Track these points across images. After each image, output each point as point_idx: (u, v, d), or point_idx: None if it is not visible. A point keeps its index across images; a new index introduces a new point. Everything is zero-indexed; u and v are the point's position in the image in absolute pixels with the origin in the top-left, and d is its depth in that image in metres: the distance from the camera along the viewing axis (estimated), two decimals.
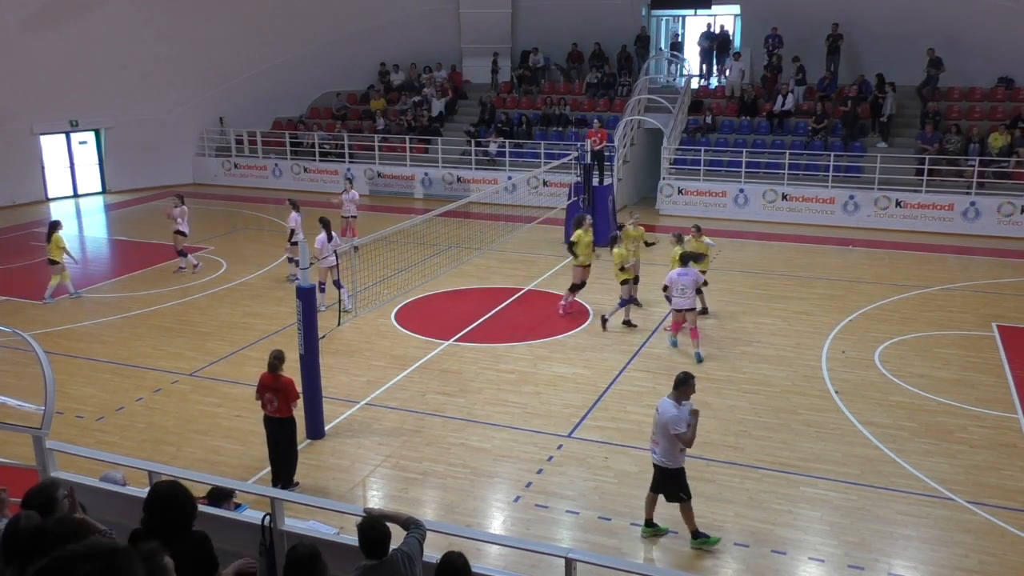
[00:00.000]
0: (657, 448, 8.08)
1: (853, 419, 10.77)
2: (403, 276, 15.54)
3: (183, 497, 4.70)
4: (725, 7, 27.54)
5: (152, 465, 6.29)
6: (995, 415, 10.90)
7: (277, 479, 9.18)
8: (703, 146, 23.62)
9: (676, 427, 7.86)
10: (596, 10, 27.66)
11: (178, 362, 12.90)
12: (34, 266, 18.99)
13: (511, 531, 8.49)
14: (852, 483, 9.24)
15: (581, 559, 5.10)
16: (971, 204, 20.84)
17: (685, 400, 8.01)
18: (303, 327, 10.06)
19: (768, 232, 21.14)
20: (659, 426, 7.99)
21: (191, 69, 27.63)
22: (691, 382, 8.08)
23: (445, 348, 13.35)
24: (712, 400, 11.36)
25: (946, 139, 21.90)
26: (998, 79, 23.79)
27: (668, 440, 7.96)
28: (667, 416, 7.91)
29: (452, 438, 10.37)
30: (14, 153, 25.31)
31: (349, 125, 28.52)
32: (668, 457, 8.03)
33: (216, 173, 28.71)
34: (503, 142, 25.45)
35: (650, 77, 26.80)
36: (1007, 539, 8.24)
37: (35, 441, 6.47)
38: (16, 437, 8.40)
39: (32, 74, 24.55)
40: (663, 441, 8.00)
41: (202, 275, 17.31)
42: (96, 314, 15.34)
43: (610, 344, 13.46)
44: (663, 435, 7.97)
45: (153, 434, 10.65)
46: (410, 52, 29.71)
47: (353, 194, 19.12)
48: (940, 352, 12.98)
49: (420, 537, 5.10)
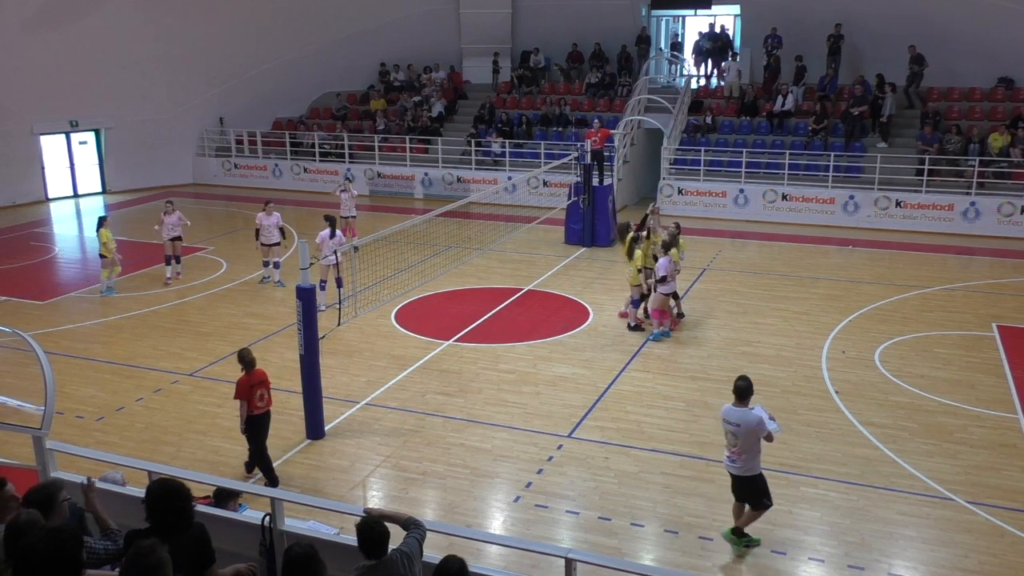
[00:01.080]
0: (739, 459, 7.84)
1: (853, 419, 10.77)
2: (403, 276, 15.55)
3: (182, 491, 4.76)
4: (725, 7, 27.54)
5: (152, 465, 6.29)
6: (995, 415, 10.89)
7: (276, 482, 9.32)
8: (703, 146, 23.62)
9: (766, 428, 7.76)
10: (596, 10, 27.67)
11: (178, 362, 12.90)
12: (34, 266, 19.01)
13: (511, 531, 8.49)
14: (852, 483, 9.24)
15: (581, 559, 5.10)
16: (971, 204, 20.84)
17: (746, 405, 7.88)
18: (303, 327, 10.07)
19: (768, 232, 21.14)
20: (744, 436, 7.74)
21: (191, 69, 27.64)
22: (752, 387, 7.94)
23: (445, 348, 13.35)
24: (712, 400, 11.36)
25: (946, 139, 21.90)
26: (998, 79, 23.80)
27: (753, 448, 7.81)
28: (754, 422, 7.72)
29: (452, 438, 10.37)
30: (14, 153, 25.32)
31: (349, 125, 28.53)
32: (752, 464, 7.86)
33: (216, 173, 28.71)
34: (503, 142, 25.46)
35: (650, 77, 26.81)
36: (1007, 539, 8.24)
37: (35, 441, 6.47)
38: (16, 437, 8.40)
39: (32, 74, 24.57)
40: (748, 450, 7.80)
41: (202, 275, 17.30)
42: (96, 314, 15.34)
43: (610, 344, 13.46)
44: (749, 444, 7.77)
45: (153, 434, 10.65)
46: (410, 52, 29.72)
47: (349, 194, 19.11)
48: (940, 352, 12.98)
49: (420, 537, 5.10)
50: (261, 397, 9.19)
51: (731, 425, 7.83)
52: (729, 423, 7.85)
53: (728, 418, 7.88)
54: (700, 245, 20.05)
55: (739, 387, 7.89)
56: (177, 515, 4.67)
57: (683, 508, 8.80)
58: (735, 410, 7.87)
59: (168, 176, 28.17)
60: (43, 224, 23.49)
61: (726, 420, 7.89)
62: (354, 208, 19.25)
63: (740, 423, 7.78)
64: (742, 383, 7.89)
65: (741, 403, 7.86)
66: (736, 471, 7.96)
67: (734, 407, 7.89)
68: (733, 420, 7.83)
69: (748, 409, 7.83)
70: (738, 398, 7.88)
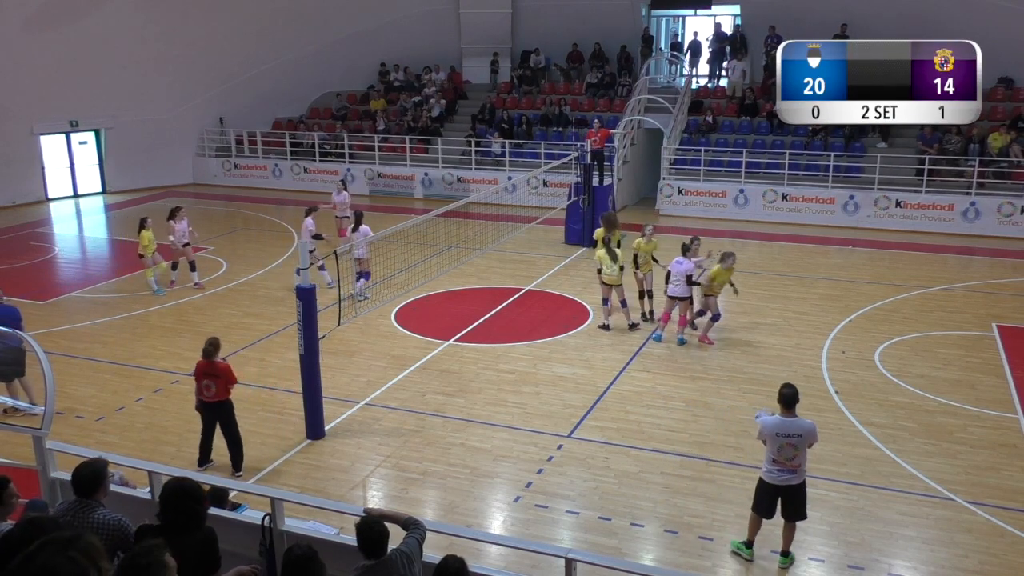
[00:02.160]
0: (798, 469, 7.55)
1: (853, 419, 10.76)
2: (403, 276, 15.54)
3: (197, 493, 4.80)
4: (725, 7, 27.54)
5: (152, 465, 6.30)
6: (995, 415, 10.89)
7: (203, 463, 9.63)
8: (703, 146, 23.62)
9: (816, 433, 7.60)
10: (596, 10, 27.66)
11: (178, 362, 12.89)
12: (34, 266, 19.01)
13: (511, 531, 8.49)
14: (852, 483, 9.24)
15: (581, 559, 5.11)
16: (971, 204, 20.84)
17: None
18: (303, 327, 10.07)
19: (768, 232, 21.14)
20: (803, 446, 7.49)
21: (191, 69, 27.63)
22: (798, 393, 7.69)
23: (445, 348, 13.35)
24: (712, 400, 11.37)
25: (946, 139, 21.90)
26: (998, 79, 23.80)
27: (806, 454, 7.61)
28: (813, 429, 7.52)
29: (452, 438, 10.37)
30: (14, 153, 25.30)
31: (349, 125, 28.53)
32: (804, 469, 7.63)
33: (216, 173, 28.71)
34: (503, 142, 25.46)
35: (650, 77, 26.81)
36: (1007, 539, 8.24)
37: (35, 441, 6.48)
38: (16, 437, 8.41)
39: (32, 74, 24.55)
40: (805, 458, 7.59)
41: (202, 275, 17.29)
42: (96, 314, 15.33)
43: (610, 344, 13.46)
44: (805, 451, 7.54)
45: (153, 434, 10.65)
46: (410, 52, 29.71)
47: (345, 195, 18.80)
48: (940, 352, 12.98)
49: (420, 537, 5.10)
50: (207, 387, 9.40)
51: (792, 438, 7.46)
52: (789, 436, 7.46)
53: (786, 431, 7.46)
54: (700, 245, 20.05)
55: (788, 395, 7.55)
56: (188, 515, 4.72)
57: (683, 508, 8.79)
58: (791, 421, 7.52)
59: (168, 176, 28.17)
60: (43, 224, 23.48)
61: (782, 434, 7.45)
62: (348, 210, 18.71)
63: (802, 433, 7.47)
64: (788, 390, 7.57)
65: (790, 412, 7.54)
66: (796, 481, 7.59)
67: (786, 418, 7.53)
68: (793, 431, 7.46)
69: (798, 417, 7.56)
70: (787, 407, 7.54)
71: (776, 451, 7.54)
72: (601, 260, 13.80)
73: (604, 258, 13.74)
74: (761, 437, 7.66)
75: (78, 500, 5.03)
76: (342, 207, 18.75)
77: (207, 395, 9.44)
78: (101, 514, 4.95)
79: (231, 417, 9.59)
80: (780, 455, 7.53)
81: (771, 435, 7.53)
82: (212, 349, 9.43)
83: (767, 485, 7.68)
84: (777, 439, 7.51)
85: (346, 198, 18.94)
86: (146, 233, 16.06)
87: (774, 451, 7.55)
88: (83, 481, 5.03)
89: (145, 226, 16.16)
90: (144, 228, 16.14)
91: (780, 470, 7.58)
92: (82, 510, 4.96)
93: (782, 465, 7.55)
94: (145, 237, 16.03)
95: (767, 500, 7.74)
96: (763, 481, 7.72)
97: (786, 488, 7.62)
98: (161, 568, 3.54)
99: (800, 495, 7.67)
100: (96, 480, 5.07)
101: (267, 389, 11.87)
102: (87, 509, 4.96)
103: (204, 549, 4.72)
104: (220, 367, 9.42)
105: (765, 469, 7.67)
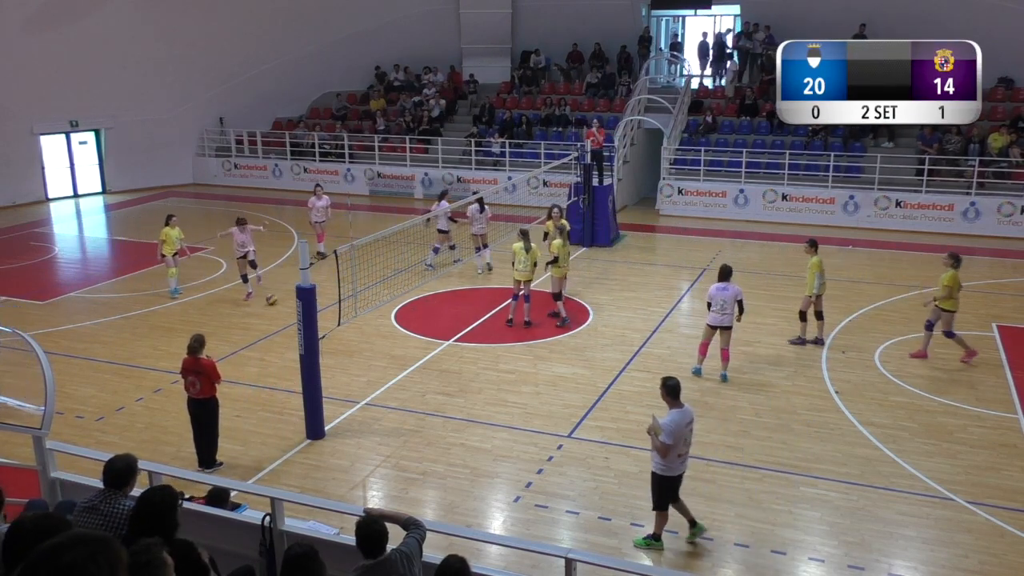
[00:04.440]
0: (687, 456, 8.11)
1: (853, 419, 10.76)
2: (403, 276, 15.54)
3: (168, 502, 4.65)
4: (725, 7, 27.53)
5: (152, 465, 6.29)
6: (995, 415, 10.89)
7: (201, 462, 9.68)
8: (703, 146, 23.62)
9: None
10: (596, 10, 27.66)
11: (178, 362, 12.70)
12: (34, 266, 19.00)
13: (511, 531, 8.49)
14: (852, 483, 9.24)
15: (581, 559, 5.11)
16: (971, 204, 20.85)
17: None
18: (303, 327, 10.07)
19: (768, 232, 21.13)
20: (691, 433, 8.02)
21: (191, 69, 27.63)
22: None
23: (445, 348, 13.35)
24: (712, 400, 11.37)
25: (946, 139, 21.90)
26: (998, 79, 23.80)
27: None
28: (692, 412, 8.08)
29: (452, 438, 10.37)
30: (14, 153, 25.31)
31: (349, 125, 28.53)
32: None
33: (216, 173, 28.71)
34: (503, 142, 25.46)
35: (650, 77, 26.81)
36: (1007, 539, 8.24)
37: (35, 441, 6.47)
38: (16, 437, 8.41)
39: (32, 74, 24.55)
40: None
41: (202, 275, 17.30)
42: (96, 314, 15.33)
43: (610, 344, 13.46)
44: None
45: (153, 434, 10.65)
46: (410, 52, 29.70)
47: (325, 200, 18.43)
48: (940, 352, 12.97)
49: (420, 537, 5.10)
50: (192, 384, 9.54)
51: (691, 424, 7.94)
52: (689, 423, 7.90)
53: (686, 419, 7.86)
54: (700, 245, 20.08)
55: (674, 386, 7.89)
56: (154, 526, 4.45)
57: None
58: (685, 410, 7.90)
59: (168, 176, 28.17)
60: (43, 224, 23.48)
61: (684, 424, 7.82)
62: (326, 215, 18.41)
63: (693, 417, 7.99)
64: (673, 381, 7.93)
65: (679, 402, 7.92)
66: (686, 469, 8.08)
67: (681, 408, 7.89)
68: (690, 419, 7.92)
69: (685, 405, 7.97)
70: (676, 397, 7.90)
71: (682, 443, 7.87)
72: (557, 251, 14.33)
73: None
74: (669, 439, 7.77)
75: (107, 490, 5.12)
76: (320, 212, 18.33)
77: (192, 392, 9.58)
78: (125, 506, 5.02)
79: (214, 416, 9.72)
80: (685, 445, 7.92)
81: (678, 430, 7.79)
82: (197, 345, 9.59)
83: (674, 479, 7.99)
84: (683, 431, 7.84)
85: (327, 202, 18.46)
86: (165, 230, 15.84)
87: (680, 444, 7.83)
88: (116, 473, 5.14)
89: (169, 223, 15.96)
90: (168, 225, 15.93)
91: (683, 460, 7.97)
92: (108, 499, 5.07)
93: (685, 455, 7.95)
94: (163, 233, 15.83)
95: (674, 492, 8.08)
96: (667, 477, 7.94)
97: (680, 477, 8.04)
98: (160, 566, 3.53)
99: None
100: (129, 473, 5.17)
101: (267, 389, 11.87)
102: (114, 500, 5.07)
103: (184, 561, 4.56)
104: (204, 364, 9.54)
105: (665, 465, 7.86)
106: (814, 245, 13.35)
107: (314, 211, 18.40)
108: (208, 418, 9.68)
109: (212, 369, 9.57)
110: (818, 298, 13.20)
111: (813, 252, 13.23)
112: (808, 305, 13.26)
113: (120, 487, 5.12)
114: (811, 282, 13.11)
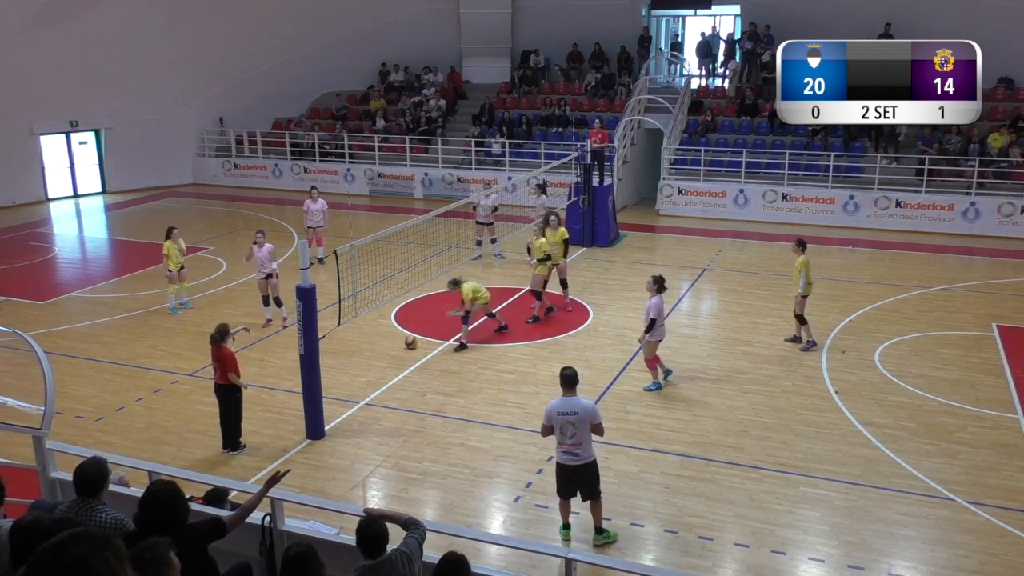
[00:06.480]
0: (580, 449, 7.91)
1: (853, 419, 10.76)
2: (403, 276, 15.53)
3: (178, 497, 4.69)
4: (725, 7, 27.53)
5: (152, 465, 6.30)
6: (995, 415, 10.89)
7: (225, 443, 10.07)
8: (703, 146, 23.62)
9: (599, 415, 8.01)
10: (596, 10, 27.67)
11: (178, 362, 12.90)
12: (34, 266, 19.01)
13: (511, 531, 8.49)
14: (852, 483, 9.23)
15: (581, 559, 5.11)
16: (971, 204, 20.85)
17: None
18: (303, 327, 10.07)
19: (768, 232, 21.13)
20: (582, 424, 7.86)
21: (191, 69, 27.64)
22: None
23: (445, 348, 13.35)
24: (712, 400, 11.37)
25: (946, 139, 21.90)
26: (998, 79, 23.80)
27: (588, 435, 7.95)
28: (590, 408, 7.97)
29: (452, 438, 10.37)
30: (14, 153, 25.32)
31: (349, 125, 28.53)
32: (590, 451, 8.02)
33: (216, 173, 28.71)
34: (504, 142, 25.47)
35: (650, 77, 26.81)
36: (1007, 539, 8.24)
37: (35, 441, 6.48)
38: (16, 437, 8.40)
39: (32, 74, 24.55)
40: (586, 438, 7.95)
41: (202, 275, 17.29)
42: (96, 314, 15.33)
43: (610, 344, 13.46)
44: (586, 432, 7.91)
45: (153, 434, 10.65)
46: (410, 52, 29.71)
47: (321, 203, 17.99)
48: (940, 352, 12.97)
49: (420, 537, 5.10)
50: (215, 370, 9.97)
51: (570, 415, 7.85)
52: (567, 414, 7.85)
53: (565, 409, 7.87)
54: (700, 245, 20.08)
55: (568, 376, 7.98)
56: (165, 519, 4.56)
57: (683, 508, 8.79)
58: (569, 400, 7.93)
59: (168, 176, 28.18)
60: (43, 224, 23.49)
61: (561, 412, 7.86)
62: (322, 219, 17.95)
63: (579, 411, 7.87)
64: (568, 371, 8.01)
65: (571, 391, 7.96)
66: (578, 462, 7.95)
67: (566, 398, 7.93)
68: (571, 410, 7.86)
69: (577, 397, 7.98)
70: (568, 387, 7.96)
71: (559, 431, 7.91)
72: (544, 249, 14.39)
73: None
74: (548, 422, 7.94)
75: (81, 500, 4.91)
76: (315, 215, 17.82)
77: (216, 377, 10.01)
78: (104, 514, 4.84)
79: (230, 402, 9.97)
80: (563, 435, 7.91)
81: (553, 415, 7.90)
82: (218, 335, 9.91)
83: (559, 467, 8.07)
84: (559, 418, 7.88)
85: (322, 206, 17.90)
86: (171, 245, 14.86)
87: (558, 432, 7.91)
88: (88, 479, 4.91)
89: (171, 236, 14.97)
90: (169, 239, 14.94)
91: (565, 451, 7.96)
92: (85, 509, 4.85)
93: (566, 446, 7.94)
94: (171, 249, 14.84)
95: (562, 482, 8.09)
96: (558, 464, 8.09)
97: (576, 469, 7.97)
98: (166, 564, 3.53)
99: (591, 475, 8.04)
100: (101, 478, 4.97)
101: (267, 389, 11.87)
102: (90, 509, 4.85)
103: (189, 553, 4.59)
104: (225, 353, 9.86)
105: (557, 453, 8.02)
106: (802, 245, 13.27)
107: (309, 215, 17.84)
108: (226, 405, 9.98)
109: (229, 360, 9.86)
110: (802, 299, 13.16)
111: (800, 251, 13.17)
112: (801, 305, 13.25)
113: (95, 494, 4.91)
114: (797, 281, 13.11)
